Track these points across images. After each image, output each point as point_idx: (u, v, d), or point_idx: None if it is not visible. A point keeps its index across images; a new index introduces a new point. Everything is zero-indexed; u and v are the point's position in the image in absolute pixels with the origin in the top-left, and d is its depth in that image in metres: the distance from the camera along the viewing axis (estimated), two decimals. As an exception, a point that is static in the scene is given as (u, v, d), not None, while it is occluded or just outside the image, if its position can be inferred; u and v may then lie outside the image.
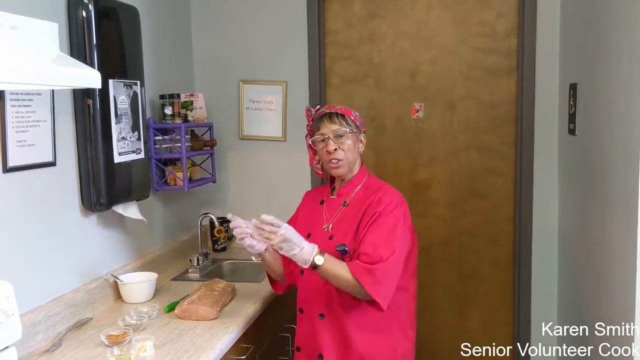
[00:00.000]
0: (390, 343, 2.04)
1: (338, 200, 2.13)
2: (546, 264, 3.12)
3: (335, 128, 2.05)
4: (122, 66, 2.44)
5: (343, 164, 2.06)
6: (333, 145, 2.04)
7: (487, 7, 3.12)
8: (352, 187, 2.12)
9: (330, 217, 2.12)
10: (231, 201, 3.42)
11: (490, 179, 3.21)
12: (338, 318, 2.02)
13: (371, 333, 2.00)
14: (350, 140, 2.06)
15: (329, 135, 2.05)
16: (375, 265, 1.89)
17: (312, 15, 3.22)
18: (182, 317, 2.23)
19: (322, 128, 2.07)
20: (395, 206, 2.01)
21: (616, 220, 2.05)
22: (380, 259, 1.90)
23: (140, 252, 2.75)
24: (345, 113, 2.08)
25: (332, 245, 2.01)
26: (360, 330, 2.00)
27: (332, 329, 2.03)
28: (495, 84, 3.15)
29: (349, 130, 2.05)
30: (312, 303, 2.08)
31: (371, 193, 2.06)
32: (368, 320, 2.00)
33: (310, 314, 2.09)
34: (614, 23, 2.13)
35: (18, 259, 1.96)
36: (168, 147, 2.84)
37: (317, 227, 2.13)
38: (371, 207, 2.01)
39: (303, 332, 2.13)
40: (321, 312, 2.05)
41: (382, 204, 2.00)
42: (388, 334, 2.03)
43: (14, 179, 1.94)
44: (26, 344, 1.90)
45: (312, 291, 2.05)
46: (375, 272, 1.89)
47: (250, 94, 3.34)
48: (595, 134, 2.37)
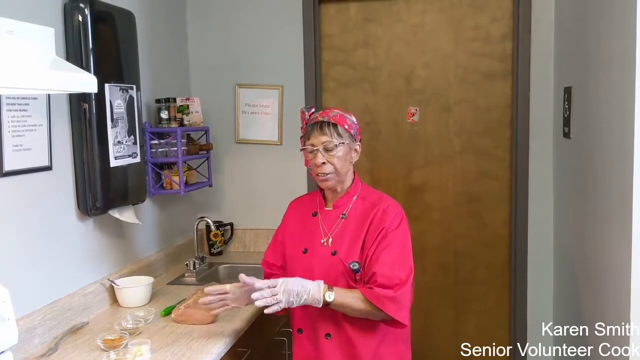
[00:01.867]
0: (394, 352, 2.02)
1: (335, 212, 2.05)
2: (541, 267, 3.13)
3: (325, 140, 1.94)
4: (118, 70, 2.44)
5: (331, 177, 1.97)
6: (321, 159, 1.95)
7: (482, 11, 3.13)
8: (348, 198, 2.04)
9: (329, 230, 2.03)
10: (227, 205, 3.42)
11: (485, 182, 3.22)
12: (348, 337, 1.97)
13: (376, 347, 1.98)
14: (341, 152, 1.96)
15: (318, 148, 1.96)
16: (397, 293, 1.87)
17: (308, 20, 3.23)
18: (178, 321, 2.23)
19: (312, 138, 1.97)
20: (400, 219, 1.98)
21: (611, 222, 2.06)
22: (399, 281, 1.88)
23: (137, 256, 2.74)
24: (338, 122, 1.96)
25: (335, 261, 1.96)
26: (369, 347, 1.97)
27: (342, 348, 1.98)
28: (490, 87, 3.16)
29: (338, 142, 1.95)
30: (315, 323, 2.00)
31: (371, 204, 2.01)
32: (375, 335, 1.97)
33: (312, 334, 2.02)
34: (608, 27, 2.14)
35: (14, 263, 1.95)
36: (164, 151, 2.84)
37: (314, 241, 2.04)
38: (376, 220, 1.96)
39: (303, 353, 2.06)
40: (328, 332, 1.98)
41: (387, 217, 1.96)
42: (394, 346, 2.01)
43: (10, 184, 1.94)
44: (22, 349, 1.90)
45: (314, 311, 1.94)
46: (398, 299, 1.87)
47: (246, 97, 3.34)
48: (590, 137, 2.38)
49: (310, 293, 1.85)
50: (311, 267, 1.99)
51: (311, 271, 1.98)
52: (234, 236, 3.42)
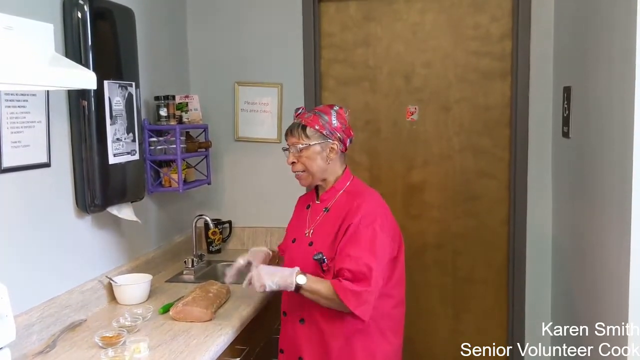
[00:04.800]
0: (368, 346, 2.04)
1: (320, 206, 2.15)
2: (540, 267, 3.13)
3: (293, 141, 2.09)
4: (117, 67, 2.44)
5: (303, 175, 2.11)
6: (291, 158, 2.10)
7: (482, 10, 3.13)
8: (334, 193, 2.13)
9: (312, 222, 2.14)
10: (226, 203, 3.42)
11: (484, 181, 3.22)
12: (317, 323, 2.05)
13: (348, 338, 2.02)
14: (310, 152, 2.06)
15: (288, 148, 2.11)
16: (362, 289, 1.91)
17: (308, 18, 3.22)
18: (176, 318, 2.23)
19: (287, 139, 2.13)
20: (374, 218, 2.00)
21: (610, 222, 2.06)
22: (363, 276, 1.91)
23: (135, 253, 2.74)
24: (308, 123, 2.06)
25: (311, 252, 2.04)
26: (338, 335, 2.02)
27: (311, 334, 2.07)
28: (489, 86, 3.16)
29: (305, 144, 2.06)
30: (294, 307, 2.11)
31: (351, 199, 2.07)
32: (344, 325, 2.01)
33: (292, 317, 2.13)
34: (608, 27, 2.14)
35: (12, 260, 1.95)
36: (163, 148, 2.84)
37: (301, 232, 2.17)
38: (349, 215, 2.02)
39: (286, 335, 2.18)
40: (302, 317, 2.08)
41: (358, 213, 2.00)
42: (365, 338, 2.04)
43: (9, 180, 1.94)
44: (20, 346, 1.90)
45: (294, 296, 2.03)
46: (361, 295, 1.91)
47: (245, 95, 3.34)
48: (589, 136, 2.38)
49: (285, 275, 1.94)
50: (294, 256, 2.13)
51: (293, 260, 2.10)
52: (233, 234, 3.41)
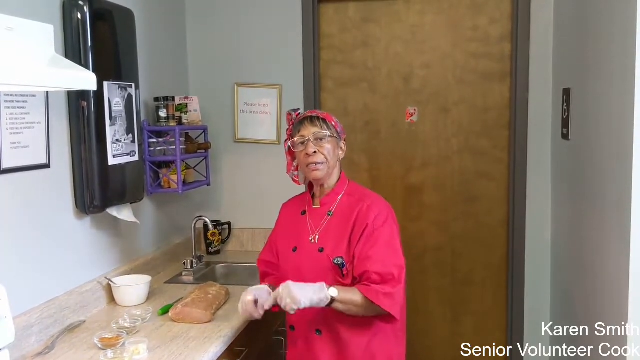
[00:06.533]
0: (386, 349, 2.03)
1: (322, 210, 2.09)
2: (539, 268, 3.13)
3: (315, 130, 2.01)
4: (117, 68, 2.44)
5: (322, 167, 2.02)
6: (312, 148, 2.00)
7: (481, 12, 3.14)
8: (334, 196, 2.09)
9: (316, 227, 2.08)
10: (225, 204, 3.42)
11: (483, 183, 3.22)
12: (337, 333, 2.00)
13: (368, 343, 1.99)
14: (330, 145, 2.02)
15: (308, 137, 2.01)
16: (394, 289, 1.90)
17: (307, 19, 3.23)
18: (175, 320, 2.23)
19: (302, 130, 2.03)
20: (386, 216, 2.00)
21: (609, 224, 2.06)
22: (392, 277, 1.90)
23: (134, 254, 2.74)
24: (326, 118, 2.06)
25: (323, 258, 2.00)
26: (359, 342, 1.99)
27: (332, 344, 2.01)
28: (488, 88, 3.16)
29: (329, 134, 2.02)
30: (306, 319, 2.04)
31: (357, 201, 2.04)
32: (364, 331, 1.99)
33: (304, 331, 2.06)
34: (607, 29, 2.14)
35: (11, 261, 1.95)
36: (162, 149, 2.83)
37: (302, 239, 2.08)
38: (360, 216, 1.99)
39: (296, 350, 2.11)
40: (317, 328, 2.03)
41: (371, 213, 1.99)
42: (382, 342, 2.02)
43: (8, 181, 1.93)
44: (19, 347, 1.89)
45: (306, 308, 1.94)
46: (394, 295, 1.90)
47: (245, 97, 3.34)
48: (588, 138, 2.38)
49: (315, 291, 1.85)
50: (300, 264, 2.04)
51: (300, 268, 2.02)
52: (232, 235, 3.41)
